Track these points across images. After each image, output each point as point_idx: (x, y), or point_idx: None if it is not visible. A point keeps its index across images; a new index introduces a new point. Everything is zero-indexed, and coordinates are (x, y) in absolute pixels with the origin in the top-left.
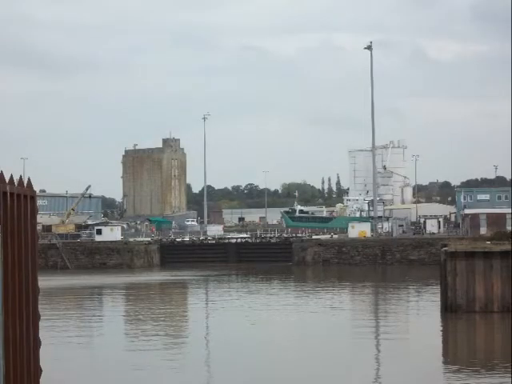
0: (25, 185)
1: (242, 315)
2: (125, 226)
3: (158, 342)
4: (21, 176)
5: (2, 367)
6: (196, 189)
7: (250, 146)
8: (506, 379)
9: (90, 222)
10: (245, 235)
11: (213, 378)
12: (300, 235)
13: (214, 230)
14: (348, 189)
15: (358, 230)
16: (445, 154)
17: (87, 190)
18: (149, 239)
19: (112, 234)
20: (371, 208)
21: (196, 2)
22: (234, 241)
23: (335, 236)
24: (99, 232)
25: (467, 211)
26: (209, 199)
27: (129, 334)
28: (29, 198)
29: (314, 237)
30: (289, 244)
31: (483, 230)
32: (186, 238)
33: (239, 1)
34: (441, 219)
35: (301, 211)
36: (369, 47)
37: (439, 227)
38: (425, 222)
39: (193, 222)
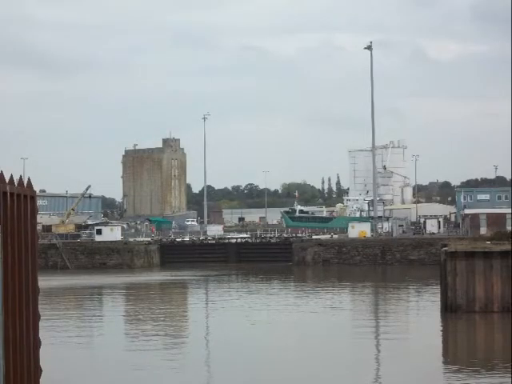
0: (25, 185)
1: (242, 315)
2: (125, 225)
3: (158, 342)
4: (21, 176)
5: (2, 367)
6: (196, 189)
7: (249, 146)
8: (506, 379)
9: (90, 222)
10: (245, 235)
11: (213, 378)
12: (300, 235)
13: (214, 230)
14: (348, 189)
15: (358, 230)
16: (445, 154)
17: (87, 189)
18: (149, 239)
19: (112, 233)
20: (371, 208)
21: (196, 2)
22: (234, 241)
23: (335, 236)
24: (99, 232)
25: (467, 211)
26: (209, 199)
27: (129, 334)
28: (29, 198)
29: (314, 237)
30: (289, 244)
31: (483, 230)
32: (186, 238)
33: (239, 1)
34: (441, 219)
35: (301, 211)
36: (369, 47)
37: (439, 227)
38: (425, 222)
39: (193, 222)
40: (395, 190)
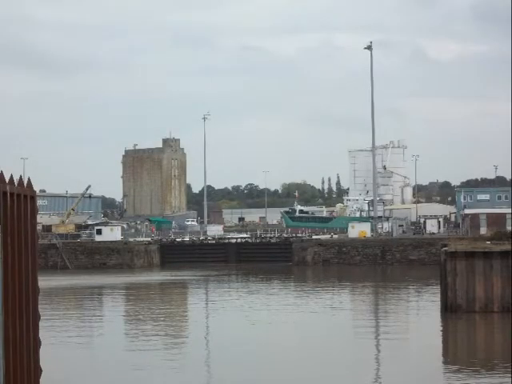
0: (25, 185)
1: (242, 315)
2: (125, 225)
3: (158, 342)
4: (21, 176)
5: (2, 367)
6: (196, 189)
7: (250, 146)
8: (506, 379)
9: (90, 222)
10: (245, 235)
11: (213, 378)
12: (300, 235)
13: (214, 230)
14: (348, 189)
15: (358, 230)
16: (445, 154)
17: (87, 189)
18: (149, 239)
19: (112, 233)
20: (371, 208)
21: (196, 2)
22: (234, 241)
23: (335, 236)
24: (99, 232)
25: (467, 211)
26: (209, 199)
27: (129, 334)
28: (29, 198)
29: (314, 237)
30: (289, 244)
31: (483, 230)
32: (186, 238)
33: (239, 1)
34: (441, 219)
35: (301, 211)
36: (369, 47)
37: (439, 227)
38: (425, 222)
39: (193, 222)
40: (395, 190)
